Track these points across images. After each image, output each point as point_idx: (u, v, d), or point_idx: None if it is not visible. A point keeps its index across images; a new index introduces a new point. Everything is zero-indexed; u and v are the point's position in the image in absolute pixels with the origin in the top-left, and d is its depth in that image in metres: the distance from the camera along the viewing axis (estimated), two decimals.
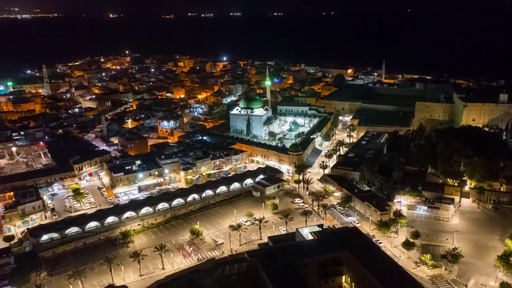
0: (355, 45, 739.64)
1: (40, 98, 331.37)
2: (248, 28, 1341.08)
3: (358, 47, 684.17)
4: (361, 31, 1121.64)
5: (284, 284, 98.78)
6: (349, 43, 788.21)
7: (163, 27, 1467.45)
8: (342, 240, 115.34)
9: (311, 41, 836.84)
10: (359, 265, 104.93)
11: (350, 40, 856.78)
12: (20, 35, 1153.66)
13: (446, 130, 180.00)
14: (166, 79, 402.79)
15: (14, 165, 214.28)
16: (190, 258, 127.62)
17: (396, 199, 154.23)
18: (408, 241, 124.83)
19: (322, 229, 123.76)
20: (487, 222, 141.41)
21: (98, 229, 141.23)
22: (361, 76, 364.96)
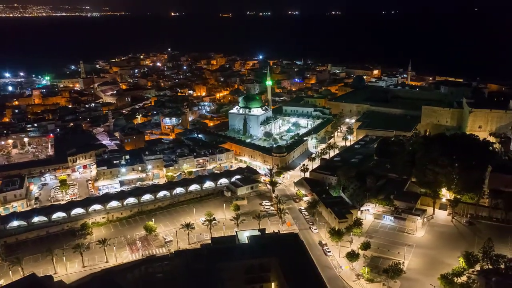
0: (404, 45, 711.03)
1: (68, 93, 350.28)
2: (300, 27, 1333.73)
3: (405, 48, 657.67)
4: (419, 31, 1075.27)
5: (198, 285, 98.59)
6: (397, 43, 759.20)
7: (218, 26, 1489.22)
8: (276, 246, 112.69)
9: (356, 41, 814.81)
10: (281, 273, 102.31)
11: (401, 40, 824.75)
12: (83, 32, 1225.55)
13: (432, 137, 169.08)
14: (192, 77, 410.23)
15: (23, 154, 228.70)
16: (137, 253, 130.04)
17: (365, 207, 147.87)
18: (353, 252, 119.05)
19: (263, 233, 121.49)
20: (454, 238, 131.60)
21: (64, 219, 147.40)
22: (384, 78, 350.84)
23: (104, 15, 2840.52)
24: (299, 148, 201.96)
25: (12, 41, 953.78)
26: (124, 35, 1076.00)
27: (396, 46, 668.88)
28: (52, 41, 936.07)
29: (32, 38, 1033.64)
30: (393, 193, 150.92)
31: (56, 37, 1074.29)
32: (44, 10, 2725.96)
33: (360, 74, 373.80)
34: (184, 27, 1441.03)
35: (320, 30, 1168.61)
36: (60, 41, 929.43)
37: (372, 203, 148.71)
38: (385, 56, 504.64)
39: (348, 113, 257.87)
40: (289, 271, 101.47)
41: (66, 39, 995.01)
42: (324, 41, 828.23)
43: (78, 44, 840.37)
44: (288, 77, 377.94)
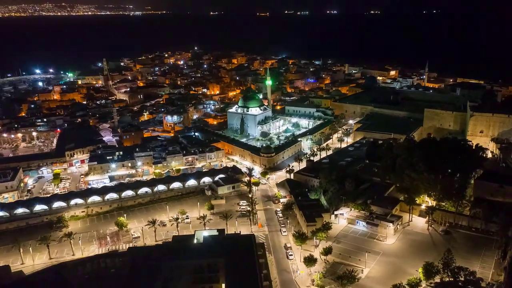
0: (434, 46, 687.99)
1: (86, 89, 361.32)
2: (336, 26, 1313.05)
3: (433, 48, 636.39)
4: (456, 31, 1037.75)
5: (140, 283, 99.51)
6: (429, 44, 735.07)
7: (253, 25, 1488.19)
8: (228, 247, 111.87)
9: (393, 41, 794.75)
10: (223, 274, 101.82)
11: (433, 40, 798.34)
12: (121, 30, 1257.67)
13: (419, 141, 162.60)
14: (208, 75, 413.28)
15: (29, 148, 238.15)
16: (105, 248, 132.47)
17: (340, 211, 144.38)
18: (311, 257, 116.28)
19: (221, 234, 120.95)
20: (425, 247, 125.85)
21: (44, 212, 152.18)
22: (399, 79, 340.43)
23: (146, 14, 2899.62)
24: (291, 149, 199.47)
25: (54, 39, 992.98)
26: (160, 33, 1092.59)
27: (431, 47, 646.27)
28: (90, 39, 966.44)
29: (74, 36, 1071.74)
30: (373, 198, 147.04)
31: (94, 35, 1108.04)
32: (90, 9, 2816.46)
33: (376, 75, 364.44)
34: (219, 26, 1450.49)
35: (355, 30, 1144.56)
36: (97, 39, 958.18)
37: (348, 207, 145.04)
38: (414, 56, 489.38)
39: (352, 115, 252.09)
40: (233, 273, 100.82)
41: (103, 37, 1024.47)
42: (355, 41, 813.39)
43: (112, 42, 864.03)
44: (302, 77, 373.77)
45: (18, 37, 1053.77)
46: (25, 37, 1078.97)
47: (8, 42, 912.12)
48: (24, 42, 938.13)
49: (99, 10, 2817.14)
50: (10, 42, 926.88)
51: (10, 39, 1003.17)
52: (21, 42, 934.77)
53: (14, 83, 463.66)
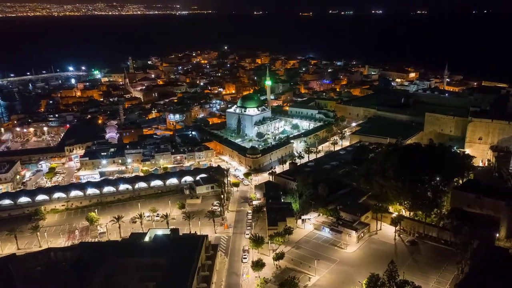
0: (474, 47, 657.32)
1: (105, 86, 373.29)
2: (377, 26, 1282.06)
3: (472, 50, 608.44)
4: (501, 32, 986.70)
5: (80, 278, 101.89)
6: (470, 44, 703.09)
7: (294, 25, 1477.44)
8: (174, 247, 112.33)
9: (423, 41, 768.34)
10: (160, 274, 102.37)
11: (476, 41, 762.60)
12: (163, 29, 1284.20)
13: (403, 147, 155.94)
14: (226, 75, 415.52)
15: (38, 142, 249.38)
16: (72, 241, 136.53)
17: (308, 216, 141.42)
18: (259, 261, 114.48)
19: (174, 234, 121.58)
20: (385, 258, 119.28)
21: (27, 204, 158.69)
22: (416, 81, 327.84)
23: (191, 13, 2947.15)
24: (281, 151, 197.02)
25: (98, 37, 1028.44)
26: (199, 32, 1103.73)
27: (471, 48, 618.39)
28: (130, 38, 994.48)
29: (119, 35, 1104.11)
30: (346, 204, 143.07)
31: (136, 34, 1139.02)
32: (139, 8, 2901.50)
33: (395, 76, 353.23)
34: (260, 26, 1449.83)
35: (396, 30, 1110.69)
36: (137, 38, 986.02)
37: (316, 213, 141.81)
38: (449, 58, 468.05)
39: (356, 117, 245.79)
40: (167, 272, 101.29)
41: (143, 36, 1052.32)
42: (388, 42, 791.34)
43: (150, 40, 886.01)
44: (319, 78, 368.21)
45: (62, 36, 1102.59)
46: (72, 35, 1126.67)
47: (51, 40, 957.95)
48: (68, 40, 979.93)
49: (147, 10, 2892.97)
50: (55, 40, 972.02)
51: (56, 37, 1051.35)
52: (65, 40, 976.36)
53: (47, 79, 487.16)
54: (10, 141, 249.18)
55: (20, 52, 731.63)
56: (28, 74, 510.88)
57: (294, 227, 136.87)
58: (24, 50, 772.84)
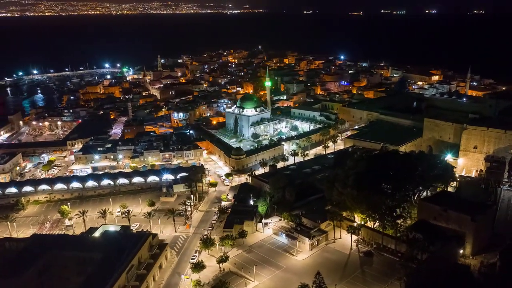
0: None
1: (128, 83, 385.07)
2: (426, 27, 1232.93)
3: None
4: None
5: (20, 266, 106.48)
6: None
7: (341, 25, 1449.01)
8: (116, 244, 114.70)
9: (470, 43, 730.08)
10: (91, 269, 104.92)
11: None
12: (209, 28, 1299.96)
13: (377, 153, 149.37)
14: (248, 74, 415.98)
15: (51, 135, 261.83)
16: (39, 231, 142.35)
17: (269, 220, 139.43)
18: (199, 263, 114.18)
19: (124, 230, 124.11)
20: (332, 268, 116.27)
21: (14, 194, 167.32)
22: (435, 84, 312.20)
23: (243, 12, 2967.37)
24: (268, 152, 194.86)
25: (143, 35, 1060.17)
26: (243, 31, 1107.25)
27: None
28: (173, 36, 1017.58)
29: (164, 33, 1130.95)
30: (313, 210, 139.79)
31: (182, 32, 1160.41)
32: (192, 7, 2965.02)
33: (416, 79, 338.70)
34: (307, 25, 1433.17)
35: (446, 31, 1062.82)
36: (182, 36, 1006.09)
37: (280, 217, 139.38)
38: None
39: (359, 120, 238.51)
40: (98, 268, 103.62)
41: (188, 34, 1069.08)
42: (434, 43, 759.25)
43: (191, 39, 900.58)
44: (338, 79, 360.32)
45: (112, 33, 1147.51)
46: (122, 33, 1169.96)
47: (99, 38, 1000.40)
48: (116, 37, 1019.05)
49: (200, 9, 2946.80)
50: (102, 38, 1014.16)
51: (104, 35, 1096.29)
52: (112, 37, 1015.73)
53: (83, 75, 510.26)
54: (25, 133, 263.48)
55: (65, 49, 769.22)
56: (67, 70, 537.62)
57: (253, 231, 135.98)
58: (70, 47, 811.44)
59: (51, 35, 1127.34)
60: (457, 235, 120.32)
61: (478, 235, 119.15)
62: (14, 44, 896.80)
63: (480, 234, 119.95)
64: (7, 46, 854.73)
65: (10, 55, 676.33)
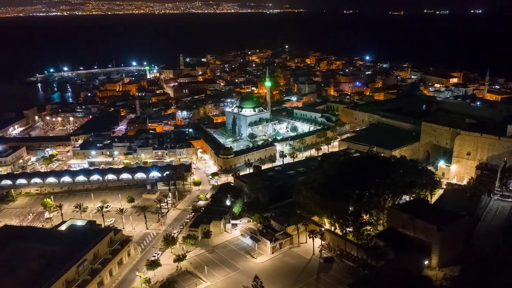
0: None
1: (146, 81, 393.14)
2: (468, 28, 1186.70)
3: None
4: None
5: None
6: None
7: (378, 24, 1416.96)
8: (77, 238, 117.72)
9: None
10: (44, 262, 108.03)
11: None
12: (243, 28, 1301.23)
13: (352, 158, 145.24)
14: (263, 75, 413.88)
15: (62, 130, 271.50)
16: (23, 223, 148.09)
17: (239, 221, 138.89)
18: (154, 261, 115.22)
19: (91, 225, 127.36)
20: (288, 272, 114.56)
21: (8, 186, 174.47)
22: (451, 87, 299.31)
23: (282, 12, 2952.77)
24: (259, 153, 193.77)
25: (178, 35, 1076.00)
26: (279, 31, 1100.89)
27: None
28: (205, 36, 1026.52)
29: (200, 33, 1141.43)
30: (284, 212, 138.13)
31: (215, 31, 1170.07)
32: (233, 7, 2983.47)
33: (434, 81, 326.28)
34: (345, 25, 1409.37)
35: (488, 31, 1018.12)
36: (211, 35, 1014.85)
37: (249, 218, 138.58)
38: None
39: (361, 123, 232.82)
40: (53, 261, 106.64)
41: (219, 34, 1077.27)
42: (472, 43, 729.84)
43: (220, 38, 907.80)
44: (354, 80, 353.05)
45: (149, 32, 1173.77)
46: (157, 32, 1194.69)
47: (131, 37, 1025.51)
48: (151, 36, 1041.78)
49: (241, 8, 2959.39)
50: (135, 36, 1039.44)
51: (139, 34, 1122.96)
52: (143, 37, 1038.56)
53: (110, 73, 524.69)
54: (39, 128, 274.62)
55: (98, 47, 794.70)
56: (95, 68, 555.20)
57: (221, 231, 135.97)
58: (103, 45, 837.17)
59: (89, 34, 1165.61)
60: (423, 245, 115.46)
61: (445, 246, 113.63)
62: (52, 43, 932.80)
63: (447, 245, 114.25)
64: (43, 43, 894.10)
65: (44, 53, 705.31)
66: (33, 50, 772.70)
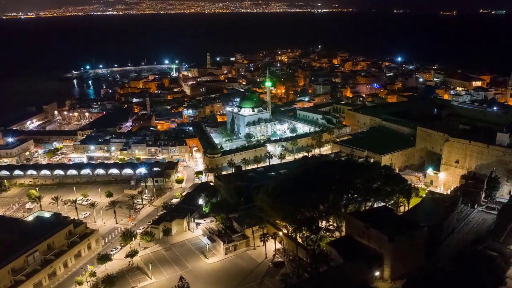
0: None
1: (168, 79, 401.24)
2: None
3: None
4: None
5: None
6: None
7: (428, 25, 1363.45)
8: (40, 229, 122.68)
9: None
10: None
11: None
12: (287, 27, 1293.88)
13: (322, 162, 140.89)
14: (285, 74, 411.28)
15: (76, 125, 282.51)
16: (6, 212, 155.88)
17: (203, 220, 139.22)
18: (104, 255, 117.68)
19: (56, 217, 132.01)
20: (236, 274, 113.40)
21: (5, 176, 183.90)
22: (471, 91, 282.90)
23: (331, 11, 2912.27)
24: (248, 153, 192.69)
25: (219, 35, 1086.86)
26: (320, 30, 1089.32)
27: None
28: (243, 35, 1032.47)
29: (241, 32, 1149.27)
30: (250, 214, 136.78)
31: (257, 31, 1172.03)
32: (282, 6, 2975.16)
33: (456, 84, 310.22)
34: (397, 25, 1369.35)
35: None
36: (249, 35, 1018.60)
37: (211, 218, 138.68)
38: None
39: (363, 125, 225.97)
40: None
41: (261, 33, 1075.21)
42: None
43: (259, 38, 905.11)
44: (373, 81, 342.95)
45: (194, 30, 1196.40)
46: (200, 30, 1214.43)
47: (170, 36, 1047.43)
48: (194, 34, 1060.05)
49: (289, 8, 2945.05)
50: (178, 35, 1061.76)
51: (181, 32, 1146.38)
52: (183, 35, 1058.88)
53: (141, 71, 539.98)
54: (56, 122, 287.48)
55: (137, 45, 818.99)
56: (129, 65, 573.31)
57: (184, 230, 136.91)
58: (142, 43, 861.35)
59: (133, 32, 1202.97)
60: (377, 255, 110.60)
61: (397, 257, 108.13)
62: (93, 41, 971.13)
63: (401, 257, 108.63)
64: (89, 41, 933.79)
65: (87, 49, 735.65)
66: (78, 47, 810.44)
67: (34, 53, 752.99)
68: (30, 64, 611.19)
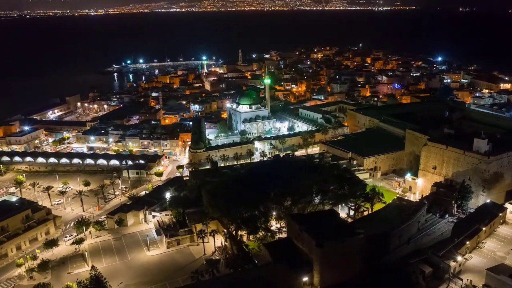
0: None
1: (193, 75, 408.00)
2: None
3: None
4: None
5: None
6: None
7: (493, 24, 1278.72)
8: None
9: None
10: None
11: None
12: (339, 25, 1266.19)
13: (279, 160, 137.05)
14: (310, 72, 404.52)
15: (94, 117, 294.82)
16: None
17: (158, 213, 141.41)
18: (51, 240, 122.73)
19: (20, 202, 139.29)
20: (167, 268, 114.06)
21: (6, 162, 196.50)
22: (493, 94, 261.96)
23: (393, 9, 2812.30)
24: (233, 149, 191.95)
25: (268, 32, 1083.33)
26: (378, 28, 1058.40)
27: None
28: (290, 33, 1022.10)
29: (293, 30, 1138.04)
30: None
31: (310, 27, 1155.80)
32: (342, 4, 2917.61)
33: (484, 86, 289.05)
34: (457, 23, 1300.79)
35: None
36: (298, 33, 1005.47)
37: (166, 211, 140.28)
38: None
39: (362, 126, 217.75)
40: None
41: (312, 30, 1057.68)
42: None
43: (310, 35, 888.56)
44: (397, 81, 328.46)
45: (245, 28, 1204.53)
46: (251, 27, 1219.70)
47: (219, 33, 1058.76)
48: (237, 32, 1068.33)
49: (350, 5, 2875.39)
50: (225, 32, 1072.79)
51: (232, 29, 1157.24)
52: (231, 32, 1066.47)
53: (177, 66, 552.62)
54: (77, 113, 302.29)
55: (181, 41, 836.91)
56: (168, 61, 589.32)
57: (140, 221, 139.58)
58: (184, 40, 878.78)
59: (182, 29, 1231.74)
60: (307, 260, 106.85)
61: (327, 264, 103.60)
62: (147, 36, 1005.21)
63: (331, 263, 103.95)
64: (139, 36, 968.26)
65: (132, 45, 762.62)
66: (128, 42, 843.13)
67: (90, 48, 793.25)
68: (83, 58, 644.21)
